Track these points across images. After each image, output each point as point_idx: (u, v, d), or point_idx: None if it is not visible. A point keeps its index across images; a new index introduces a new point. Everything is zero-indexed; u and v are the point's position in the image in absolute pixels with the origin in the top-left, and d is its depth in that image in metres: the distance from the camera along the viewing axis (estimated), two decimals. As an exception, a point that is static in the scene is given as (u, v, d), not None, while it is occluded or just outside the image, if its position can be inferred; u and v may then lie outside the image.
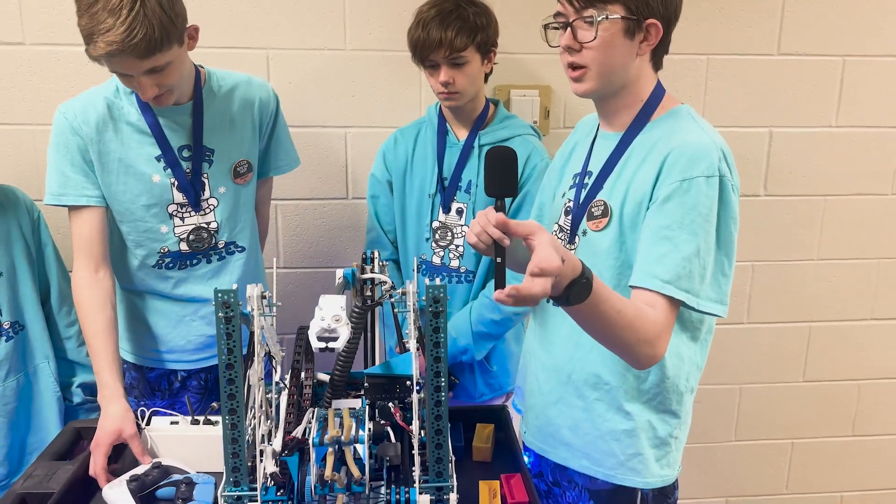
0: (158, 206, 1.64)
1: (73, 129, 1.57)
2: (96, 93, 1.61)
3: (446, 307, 1.08)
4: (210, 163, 1.66)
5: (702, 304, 1.22)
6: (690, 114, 1.33)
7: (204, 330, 1.75)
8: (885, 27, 2.23)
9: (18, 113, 2.00)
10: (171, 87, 1.52)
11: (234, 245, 1.74)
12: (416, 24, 1.76)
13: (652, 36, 1.27)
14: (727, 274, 1.26)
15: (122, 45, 1.36)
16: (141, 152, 1.60)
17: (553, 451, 1.46)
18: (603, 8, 1.23)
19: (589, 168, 1.39)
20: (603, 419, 1.37)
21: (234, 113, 1.69)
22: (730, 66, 2.21)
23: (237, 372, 1.10)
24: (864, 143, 2.31)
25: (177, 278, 1.71)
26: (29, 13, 1.94)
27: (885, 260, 2.42)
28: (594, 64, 1.27)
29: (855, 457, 2.61)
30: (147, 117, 1.59)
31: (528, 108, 2.13)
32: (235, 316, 1.08)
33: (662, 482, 1.39)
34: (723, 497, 2.61)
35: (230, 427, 1.11)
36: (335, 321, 1.07)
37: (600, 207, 1.32)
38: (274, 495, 1.14)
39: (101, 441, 1.38)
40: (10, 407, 1.66)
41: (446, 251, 1.90)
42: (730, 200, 1.24)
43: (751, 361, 2.47)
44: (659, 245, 1.22)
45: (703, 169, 1.21)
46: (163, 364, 1.76)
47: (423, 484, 1.14)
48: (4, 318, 1.64)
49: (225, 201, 1.70)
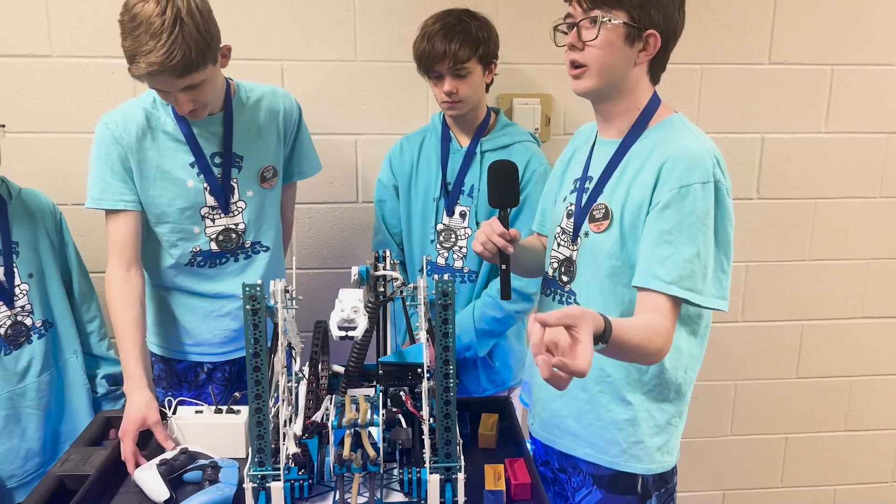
0: (192, 209, 1.74)
1: (115, 138, 1.66)
2: (135, 104, 1.70)
3: (454, 300, 1.17)
4: (239, 168, 1.76)
5: (706, 300, 1.30)
6: (684, 122, 1.40)
7: (229, 325, 1.84)
8: (872, 37, 2.30)
9: (45, 122, 2.09)
10: (205, 103, 1.62)
11: (259, 245, 1.83)
12: (421, 38, 1.84)
13: (650, 46, 1.35)
14: (726, 271, 1.34)
15: (162, 66, 1.46)
16: (176, 159, 1.70)
17: (559, 441, 1.53)
18: (608, 11, 1.32)
19: (589, 173, 1.46)
20: (606, 410, 1.44)
21: (260, 122, 1.79)
22: (723, 75, 2.29)
23: (263, 360, 1.19)
24: (853, 148, 2.38)
25: (207, 276, 1.80)
26: (56, 27, 2.04)
27: (874, 260, 2.49)
28: (594, 62, 1.35)
29: (847, 451, 2.67)
30: (182, 127, 1.69)
31: (529, 116, 2.21)
32: (261, 308, 1.17)
33: (662, 468, 1.46)
34: (719, 490, 2.67)
35: (256, 411, 1.20)
36: (354, 312, 1.17)
37: (601, 210, 1.40)
38: (296, 474, 1.23)
39: (127, 428, 1.46)
40: (44, 400, 1.74)
41: (450, 252, 1.99)
42: (725, 203, 1.32)
43: (746, 359, 2.54)
44: (661, 248, 1.29)
45: (699, 175, 1.29)
46: (190, 357, 1.85)
47: (432, 464, 1.22)
48: (37, 317, 1.73)
49: (252, 204, 1.79)
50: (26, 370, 1.70)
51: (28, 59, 2.05)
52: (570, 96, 2.22)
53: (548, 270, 1.55)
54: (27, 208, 1.74)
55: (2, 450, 1.69)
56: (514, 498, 1.34)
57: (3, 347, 1.66)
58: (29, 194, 1.77)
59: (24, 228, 1.72)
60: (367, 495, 1.23)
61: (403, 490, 1.25)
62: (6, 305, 1.67)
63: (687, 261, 1.28)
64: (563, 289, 1.48)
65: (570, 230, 1.47)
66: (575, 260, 1.45)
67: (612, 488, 1.47)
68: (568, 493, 1.56)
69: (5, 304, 1.66)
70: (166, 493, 1.32)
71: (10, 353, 1.68)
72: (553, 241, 1.53)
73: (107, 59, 2.07)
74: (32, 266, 1.73)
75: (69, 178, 2.10)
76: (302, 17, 2.12)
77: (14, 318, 1.68)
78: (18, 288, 1.69)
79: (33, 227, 1.74)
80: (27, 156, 2.10)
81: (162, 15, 1.45)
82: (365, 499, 1.22)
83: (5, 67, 2.04)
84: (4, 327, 1.67)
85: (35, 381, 1.72)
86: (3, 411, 1.68)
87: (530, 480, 1.35)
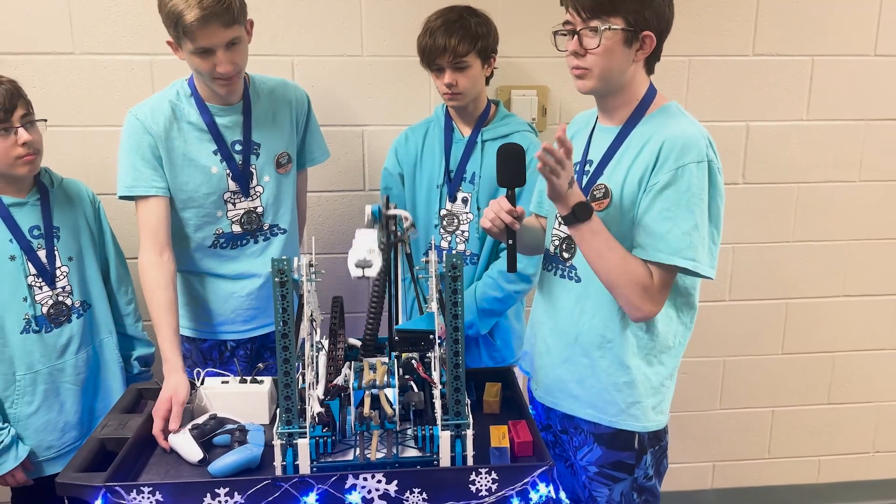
0: (216, 194, 1.85)
1: (145, 128, 1.78)
2: (161, 97, 1.82)
3: (463, 272, 1.29)
4: (257, 155, 1.88)
5: (701, 267, 1.43)
6: (679, 109, 1.52)
7: (250, 304, 1.95)
8: (850, 29, 2.40)
9: (68, 116, 2.19)
10: (239, 69, 1.73)
11: (276, 227, 1.95)
12: (423, 33, 1.95)
13: (647, 45, 1.45)
14: (717, 242, 1.47)
15: (214, 10, 1.60)
16: (201, 147, 1.82)
17: (562, 403, 1.64)
18: (606, 19, 1.42)
19: (589, 157, 1.58)
20: (606, 373, 1.55)
21: (275, 111, 1.91)
22: (709, 66, 2.39)
23: (290, 328, 1.30)
24: (833, 134, 2.48)
25: (229, 257, 1.92)
26: (78, 26, 2.15)
27: (854, 241, 2.58)
28: (596, 67, 1.46)
29: (831, 423, 2.77)
30: (205, 117, 1.81)
31: (527, 107, 2.32)
32: (289, 280, 1.29)
33: (656, 426, 1.58)
34: (709, 461, 2.77)
35: (284, 374, 1.32)
36: (369, 252, 1.28)
37: (601, 190, 1.51)
38: (320, 432, 1.35)
39: (159, 407, 1.56)
40: (81, 377, 1.86)
41: (453, 236, 2.10)
42: (717, 181, 1.44)
43: (733, 336, 2.63)
44: (662, 224, 1.42)
45: (694, 156, 1.41)
46: (215, 335, 1.97)
47: (444, 422, 1.34)
48: (76, 298, 1.84)
49: (269, 189, 1.91)
50: (66, 347, 1.82)
51: (52, 57, 2.16)
52: (565, 88, 2.33)
53: (549, 248, 1.66)
54: (68, 196, 1.86)
55: (41, 421, 1.80)
56: (518, 454, 1.45)
57: (44, 325, 1.78)
58: (70, 183, 1.89)
59: (64, 215, 1.83)
60: (385, 451, 1.35)
61: (417, 446, 1.37)
62: (48, 286, 1.78)
63: (686, 233, 1.41)
64: (565, 264, 1.60)
65: None
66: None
67: (611, 445, 1.58)
68: (569, 452, 1.68)
69: (48, 285, 1.78)
70: (200, 454, 1.44)
71: (52, 331, 1.79)
72: (554, 220, 1.64)
73: (127, 56, 2.18)
74: (72, 250, 1.84)
75: (92, 168, 2.20)
76: (311, 15, 2.23)
77: (55, 298, 1.80)
78: (59, 270, 1.80)
79: (73, 213, 1.86)
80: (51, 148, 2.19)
81: None
82: (383, 454, 1.34)
83: (30, 65, 2.15)
84: (46, 306, 1.78)
85: (73, 359, 1.83)
86: (44, 385, 1.80)
87: (532, 439, 1.47)
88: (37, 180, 1.81)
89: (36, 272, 1.76)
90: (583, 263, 1.55)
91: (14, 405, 1.78)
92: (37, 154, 1.74)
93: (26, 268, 1.75)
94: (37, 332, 1.77)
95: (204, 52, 1.68)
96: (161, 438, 1.52)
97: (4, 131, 1.68)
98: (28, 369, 1.78)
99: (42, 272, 1.77)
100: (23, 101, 1.71)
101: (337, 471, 1.30)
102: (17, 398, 1.78)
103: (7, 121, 1.68)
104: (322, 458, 1.35)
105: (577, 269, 1.57)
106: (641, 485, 1.60)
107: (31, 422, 1.80)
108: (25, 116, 1.71)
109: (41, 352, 1.78)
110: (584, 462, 1.63)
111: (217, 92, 1.78)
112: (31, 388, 1.79)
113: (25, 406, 1.79)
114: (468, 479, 1.30)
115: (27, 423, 1.79)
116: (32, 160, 1.73)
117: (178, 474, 1.41)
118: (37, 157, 1.75)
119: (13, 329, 1.75)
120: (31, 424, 1.80)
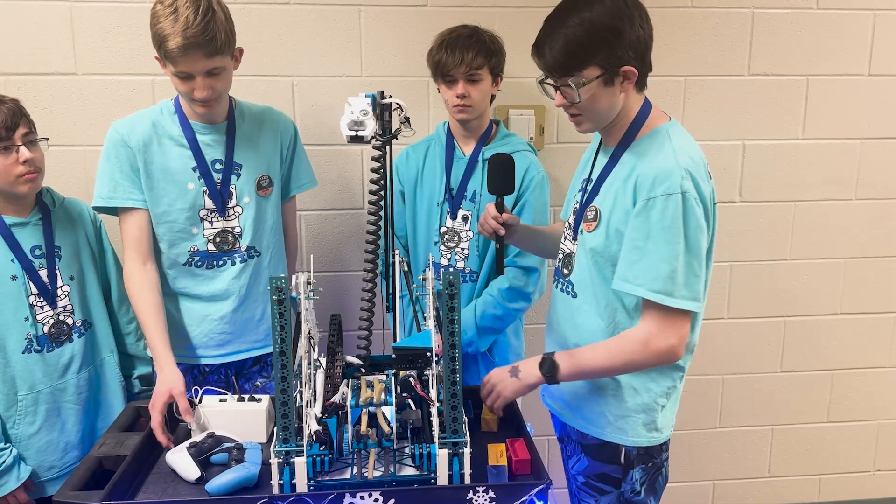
0: (191, 210, 1.86)
1: (124, 141, 1.81)
2: (144, 113, 1.86)
3: (460, 290, 1.30)
4: (238, 176, 1.89)
5: (676, 302, 1.40)
6: (667, 134, 1.49)
7: (223, 328, 1.93)
8: (843, 50, 2.43)
9: (70, 135, 2.22)
10: (219, 95, 1.76)
11: (254, 250, 1.94)
12: (438, 46, 2.00)
13: (630, 76, 1.44)
14: (698, 274, 1.43)
15: (198, 40, 1.64)
16: (179, 163, 1.84)
17: (561, 412, 1.68)
18: (580, 75, 1.41)
19: (591, 175, 1.60)
20: (596, 384, 1.57)
21: (259, 134, 1.93)
22: (705, 86, 2.42)
23: (287, 346, 1.31)
24: (829, 153, 2.50)
25: (204, 276, 1.91)
26: (81, 47, 2.18)
27: (850, 259, 2.60)
28: (586, 112, 1.48)
29: (831, 441, 2.77)
30: (186, 132, 1.84)
31: (524, 126, 2.35)
32: (286, 298, 1.29)
33: (648, 442, 1.57)
34: (709, 480, 2.77)
35: (281, 392, 1.32)
36: (363, 115, 1.30)
37: (593, 212, 1.53)
38: (317, 450, 1.34)
39: (156, 401, 1.59)
40: (83, 396, 1.86)
41: (453, 253, 2.12)
42: (693, 211, 1.40)
43: (732, 354, 2.64)
44: (630, 254, 1.43)
45: (664, 188, 1.39)
46: (187, 358, 1.93)
47: (441, 440, 1.34)
48: (77, 318, 1.85)
49: (249, 210, 1.91)
50: (67, 367, 1.82)
51: (55, 77, 2.19)
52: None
53: (557, 261, 1.68)
54: (69, 215, 1.87)
55: (43, 441, 1.80)
56: (516, 472, 1.45)
57: (46, 344, 1.79)
58: (71, 203, 1.91)
59: (66, 234, 1.84)
60: (383, 469, 1.35)
61: (415, 464, 1.37)
62: (49, 305, 1.79)
63: (653, 265, 1.40)
64: (565, 279, 1.62)
65: (573, 226, 1.61)
66: (574, 254, 1.59)
67: (597, 456, 1.60)
68: (563, 460, 1.71)
69: (49, 304, 1.79)
70: (197, 472, 1.44)
71: (53, 350, 1.80)
72: (563, 234, 1.67)
73: (128, 77, 2.21)
74: (74, 269, 1.85)
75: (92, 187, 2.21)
76: (311, 36, 2.26)
77: (56, 318, 1.80)
78: (61, 289, 1.81)
79: (74, 233, 1.87)
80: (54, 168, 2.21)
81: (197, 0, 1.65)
82: (380, 472, 1.34)
83: (34, 85, 2.18)
84: (48, 325, 1.79)
85: (75, 378, 1.84)
86: (45, 405, 1.80)
87: (530, 457, 1.47)
88: (38, 200, 1.82)
89: (37, 292, 1.77)
90: (579, 280, 1.56)
91: (16, 425, 1.78)
92: (38, 172, 1.76)
93: (28, 287, 1.76)
94: (38, 351, 1.78)
95: (184, 77, 1.72)
96: (160, 433, 1.53)
97: (6, 149, 1.69)
98: (30, 389, 1.78)
99: (43, 292, 1.78)
100: (25, 120, 1.73)
101: (334, 489, 1.30)
102: (18, 418, 1.78)
103: (9, 139, 1.69)
104: (319, 476, 1.34)
105: (574, 286, 1.58)
106: (629, 499, 1.60)
107: (32, 442, 1.80)
108: (27, 135, 1.73)
109: (43, 371, 1.79)
110: (574, 471, 1.65)
111: (196, 112, 1.82)
112: (33, 407, 1.79)
113: (27, 426, 1.79)
114: (465, 497, 1.30)
115: (29, 443, 1.79)
116: (34, 178, 1.74)
117: (175, 493, 1.41)
118: (38, 176, 1.76)
119: (15, 349, 1.76)
120: (32, 444, 1.80)
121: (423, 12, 2.27)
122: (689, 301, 1.42)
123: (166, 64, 1.72)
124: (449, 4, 2.27)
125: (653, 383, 1.56)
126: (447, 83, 2.01)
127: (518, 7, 2.30)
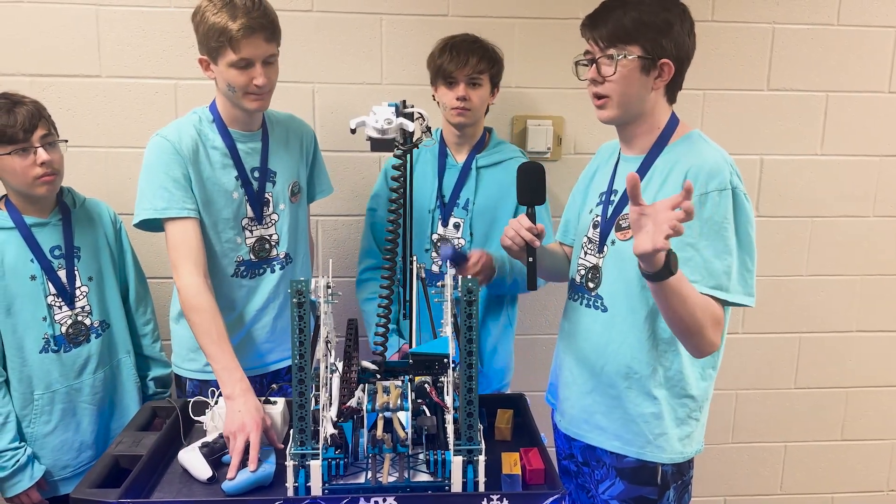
0: (236, 220, 1.84)
1: (176, 150, 1.74)
2: (185, 121, 1.81)
3: (479, 297, 1.30)
4: (274, 183, 1.89)
5: (732, 297, 1.42)
6: (702, 137, 1.53)
7: (265, 337, 1.91)
8: (864, 66, 2.43)
9: (93, 137, 2.24)
10: (272, 86, 1.77)
11: (289, 257, 1.93)
12: (441, 49, 2.00)
13: (665, 73, 1.47)
14: (751, 269, 1.45)
15: (262, 21, 1.67)
16: (224, 172, 1.82)
17: (587, 435, 1.63)
18: (623, 48, 1.45)
19: (614, 187, 1.59)
20: (633, 404, 1.55)
21: (288, 140, 1.93)
22: (724, 100, 2.41)
23: (306, 349, 1.32)
24: (847, 169, 2.49)
25: (248, 287, 1.88)
26: (106, 50, 2.21)
27: (867, 276, 2.58)
28: (615, 94, 1.48)
29: (844, 459, 2.75)
30: (227, 141, 1.82)
31: (542, 136, 2.35)
32: (306, 301, 1.30)
33: (683, 458, 1.57)
34: (721, 496, 2.75)
35: (299, 395, 1.33)
36: (387, 123, 1.34)
37: (627, 220, 1.51)
38: (333, 454, 1.35)
39: (254, 426, 1.47)
40: (98, 396, 1.87)
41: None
42: (743, 206, 1.43)
43: (746, 369, 2.63)
44: (683, 251, 1.41)
45: (717, 184, 1.42)
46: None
47: (456, 447, 1.34)
48: (95, 318, 1.86)
49: (284, 217, 1.91)
50: (84, 367, 1.83)
51: (79, 79, 2.21)
52: (579, 118, 2.36)
53: (574, 277, 1.67)
54: (89, 216, 1.88)
55: (58, 441, 1.82)
56: (529, 482, 1.44)
57: (63, 344, 1.80)
58: (92, 204, 1.92)
59: (85, 235, 1.86)
60: (397, 474, 1.35)
61: (429, 470, 1.36)
62: (68, 306, 1.80)
63: (706, 261, 1.41)
64: (591, 294, 1.60)
65: (597, 240, 1.59)
66: (601, 267, 1.58)
67: (634, 479, 1.57)
68: (590, 485, 1.67)
69: (67, 305, 1.80)
70: (209, 472, 1.44)
71: (70, 351, 1.81)
72: (580, 250, 1.65)
73: (152, 80, 2.24)
74: (92, 270, 1.86)
75: (115, 187, 2.24)
76: (332, 43, 2.28)
77: (74, 318, 1.82)
78: (79, 290, 1.82)
79: (94, 234, 1.88)
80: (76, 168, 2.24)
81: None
82: (395, 477, 1.34)
83: (59, 86, 2.21)
84: (66, 325, 1.80)
85: (91, 378, 1.85)
86: (61, 405, 1.81)
87: (544, 466, 1.46)
88: (59, 200, 1.84)
89: (56, 292, 1.79)
90: (609, 293, 1.55)
91: (31, 424, 1.79)
92: (56, 174, 1.75)
93: (46, 287, 1.77)
94: (55, 351, 1.79)
95: (242, 65, 1.70)
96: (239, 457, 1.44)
97: (24, 151, 1.70)
98: (46, 388, 1.79)
99: (62, 292, 1.79)
100: (44, 122, 1.73)
101: (348, 493, 1.30)
102: (34, 417, 1.79)
103: (27, 140, 1.69)
104: (334, 480, 1.34)
105: (604, 299, 1.57)
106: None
107: (47, 441, 1.81)
108: (46, 137, 1.72)
109: (59, 371, 1.80)
110: (606, 496, 1.61)
111: (247, 108, 1.77)
112: (49, 407, 1.80)
113: (43, 425, 1.80)
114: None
115: (44, 442, 1.81)
116: (51, 181, 1.74)
117: (190, 493, 1.41)
118: (56, 178, 1.76)
119: (32, 348, 1.77)
120: (47, 444, 1.81)
121: (444, 22, 2.28)
122: (743, 296, 1.44)
123: (220, 57, 1.69)
124: (470, 14, 2.29)
125: (689, 398, 1.55)
126: (448, 85, 2.01)
127: (537, 18, 2.30)
